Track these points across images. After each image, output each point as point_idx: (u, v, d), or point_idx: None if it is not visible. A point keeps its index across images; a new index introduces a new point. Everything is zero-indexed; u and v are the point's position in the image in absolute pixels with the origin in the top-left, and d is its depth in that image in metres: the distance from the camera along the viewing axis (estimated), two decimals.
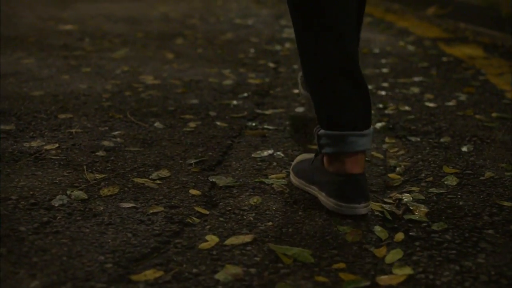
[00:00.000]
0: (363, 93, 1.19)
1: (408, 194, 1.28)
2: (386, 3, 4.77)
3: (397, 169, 1.45)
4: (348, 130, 1.16)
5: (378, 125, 1.81)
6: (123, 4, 4.36)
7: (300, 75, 1.99)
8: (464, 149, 1.59)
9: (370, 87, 2.28)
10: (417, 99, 2.10)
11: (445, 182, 1.35)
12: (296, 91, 2.19)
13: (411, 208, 1.21)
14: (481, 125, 1.80)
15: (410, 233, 1.10)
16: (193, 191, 1.28)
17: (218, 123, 1.78)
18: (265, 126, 1.77)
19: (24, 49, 2.70)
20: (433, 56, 2.90)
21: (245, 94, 2.11)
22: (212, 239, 1.07)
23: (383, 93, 2.20)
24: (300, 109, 1.95)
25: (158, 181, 1.33)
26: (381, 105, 2.03)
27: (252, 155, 1.52)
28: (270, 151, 1.55)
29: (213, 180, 1.35)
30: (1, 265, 0.95)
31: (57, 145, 1.52)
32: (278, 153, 1.54)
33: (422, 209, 1.20)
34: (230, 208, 1.20)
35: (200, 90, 2.15)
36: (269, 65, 2.62)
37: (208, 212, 1.18)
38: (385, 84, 2.33)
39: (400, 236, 1.09)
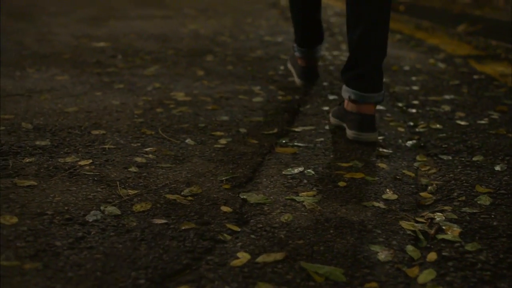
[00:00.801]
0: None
1: (440, 214, 1.27)
2: (416, 20, 4.75)
3: (429, 187, 1.44)
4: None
5: (409, 143, 1.80)
6: (154, 21, 4.42)
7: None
8: (497, 168, 1.57)
9: (400, 104, 2.28)
10: (448, 117, 2.09)
11: (478, 202, 1.34)
12: (325, 108, 2.19)
13: (443, 227, 1.20)
14: None
15: (443, 253, 1.09)
16: (225, 208, 1.29)
17: (248, 140, 1.79)
18: (295, 143, 1.77)
19: (59, 66, 2.75)
20: (464, 74, 2.88)
21: (275, 111, 2.12)
22: (243, 256, 1.07)
23: (413, 111, 2.19)
24: (330, 127, 1.95)
25: (189, 198, 1.34)
26: (411, 123, 2.02)
27: (283, 172, 1.53)
28: (301, 169, 1.55)
29: (244, 197, 1.35)
30: (37, 280, 0.97)
31: (90, 160, 1.54)
32: (309, 170, 1.54)
33: (455, 229, 1.19)
34: (261, 225, 1.21)
35: (230, 107, 2.17)
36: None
37: (239, 229, 1.19)
38: (415, 102, 2.32)
39: (433, 256, 1.08)
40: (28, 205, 1.25)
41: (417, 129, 1.95)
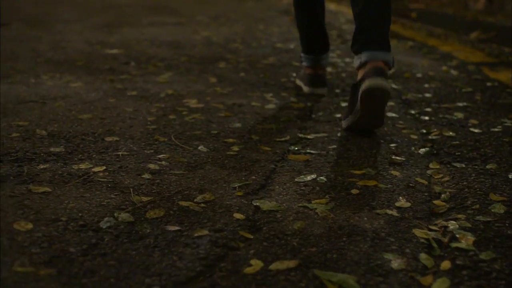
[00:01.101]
0: None
1: (454, 222, 1.26)
2: (429, 27, 4.74)
3: (442, 195, 1.43)
4: None
5: (422, 150, 1.79)
6: (167, 28, 4.44)
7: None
8: (511, 176, 1.56)
9: (412, 112, 2.27)
10: (461, 125, 2.08)
11: (492, 210, 1.33)
12: (338, 115, 2.19)
13: (457, 236, 1.19)
14: None
15: (457, 262, 1.09)
16: (237, 215, 1.29)
17: (261, 147, 1.79)
18: (308, 151, 1.77)
19: (73, 73, 2.77)
20: (477, 81, 2.87)
21: (288, 118, 2.12)
22: (256, 264, 1.07)
23: (426, 118, 2.18)
24: (342, 134, 1.95)
25: (202, 205, 1.34)
26: (424, 131, 2.01)
27: (295, 180, 1.53)
28: (313, 176, 1.55)
29: (257, 204, 1.36)
30: (52, 286, 0.98)
31: (104, 167, 1.55)
32: (321, 177, 1.54)
33: (469, 237, 1.19)
34: (274, 233, 1.21)
35: (243, 114, 2.17)
36: None
37: (252, 237, 1.19)
38: (428, 109, 2.31)
39: (446, 264, 1.08)
40: (42, 212, 1.26)
41: (430, 137, 1.95)
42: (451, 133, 1.98)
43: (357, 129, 1.95)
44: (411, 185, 1.51)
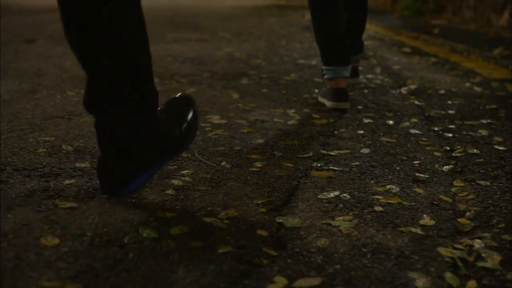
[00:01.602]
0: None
1: (479, 240, 1.25)
2: (451, 43, 4.72)
3: (467, 214, 1.42)
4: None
5: (446, 168, 1.78)
6: (190, 44, 4.49)
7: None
8: None
9: (436, 128, 2.26)
10: (485, 142, 2.07)
11: None
12: (360, 131, 2.19)
13: (483, 255, 1.18)
14: None
15: (483, 282, 1.08)
16: (261, 232, 1.29)
17: (283, 163, 1.79)
18: (331, 167, 1.77)
19: None
20: (501, 98, 2.85)
21: (310, 135, 2.13)
22: (280, 281, 1.07)
23: (450, 135, 2.17)
24: (365, 150, 1.95)
25: (226, 221, 1.35)
26: (448, 148, 2.00)
27: (318, 196, 1.53)
28: (336, 193, 1.55)
29: (280, 221, 1.36)
30: None
31: None
32: (345, 194, 1.54)
33: (495, 256, 1.18)
34: (297, 250, 1.21)
35: (266, 130, 2.18)
36: None
37: (276, 253, 1.19)
38: (451, 126, 2.30)
39: (472, 284, 1.07)
40: (68, 227, 1.27)
41: (453, 154, 1.94)
42: (475, 150, 1.97)
43: None
44: (435, 202, 1.50)
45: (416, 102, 2.73)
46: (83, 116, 2.26)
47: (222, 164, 1.77)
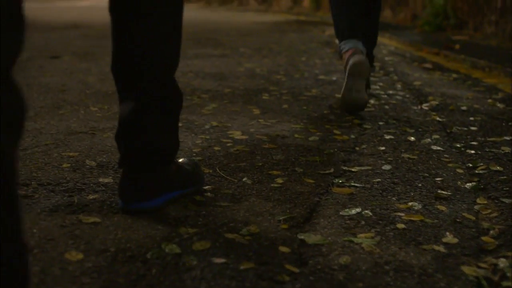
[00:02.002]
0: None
1: (504, 259, 1.24)
2: (472, 59, 4.70)
3: (491, 232, 1.41)
4: None
5: (468, 185, 1.77)
6: (211, 60, 4.52)
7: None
8: None
9: (458, 145, 2.25)
10: (508, 159, 2.05)
11: None
12: (381, 148, 2.18)
13: (508, 274, 1.17)
14: None
15: None
16: (283, 248, 1.29)
17: (305, 179, 1.80)
18: (352, 184, 1.77)
19: None
20: None
21: (331, 151, 2.13)
22: None
23: (472, 151, 2.16)
24: (387, 167, 1.94)
25: (248, 237, 1.35)
26: (470, 164, 1.99)
27: (340, 213, 1.53)
28: (358, 209, 1.55)
29: (302, 237, 1.36)
30: None
31: None
32: (366, 211, 1.54)
33: None
34: (319, 267, 1.21)
35: (287, 145, 2.19)
36: (354, 121, 2.63)
37: (298, 270, 1.19)
38: (474, 143, 2.28)
39: None
40: (92, 242, 1.29)
41: (476, 171, 1.92)
42: (498, 167, 1.95)
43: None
44: (458, 220, 1.49)
45: (438, 118, 2.72)
46: (106, 132, 2.29)
47: (244, 180, 1.78)
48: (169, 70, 1.47)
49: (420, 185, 1.78)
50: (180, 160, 1.66)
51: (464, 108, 2.98)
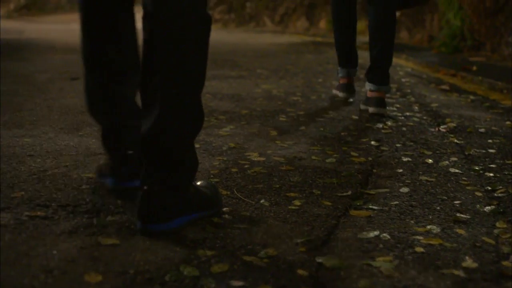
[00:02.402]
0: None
1: None
2: (490, 81, 4.68)
3: (511, 257, 1.39)
4: None
5: (487, 208, 1.76)
6: (228, 81, 4.55)
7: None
8: None
9: (476, 168, 2.24)
10: None
11: None
12: (399, 170, 2.18)
13: None
14: None
15: None
16: (301, 271, 1.29)
17: (322, 201, 1.80)
18: (370, 206, 1.77)
19: None
20: None
21: (348, 173, 2.13)
22: None
23: (491, 174, 2.14)
24: (405, 190, 1.94)
25: (266, 260, 1.35)
26: (489, 188, 1.98)
27: (358, 236, 1.52)
28: (376, 233, 1.55)
29: (320, 260, 1.36)
30: None
31: None
32: (384, 234, 1.53)
33: None
34: None
35: (304, 167, 2.19)
36: (371, 143, 2.63)
37: None
38: (492, 166, 2.27)
39: None
40: (111, 264, 1.30)
41: (495, 194, 1.91)
42: None
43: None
44: (477, 244, 1.48)
45: (456, 141, 2.71)
46: None
47: (261, 202, 1.78)
48: (194, 88, 1.49)
49: (438, 208, 1.77)
50: (199, 183, 1.67)
51: (482, 130, 2.97)
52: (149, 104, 1.46)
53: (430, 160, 2.34)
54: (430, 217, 1.69)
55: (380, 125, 3.04)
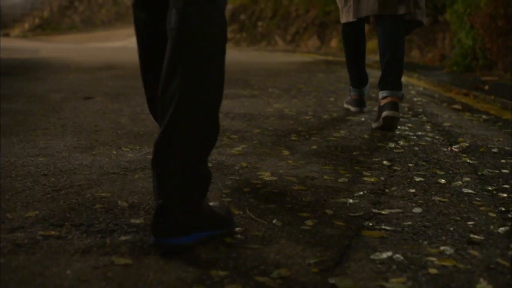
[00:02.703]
0: None
1: None
2: (502, 100, 4.67)
3: None
4: None
5: (502, 229, 1.75)
6: (240, 101, 4.57)
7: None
8: None
9: (490, 188, 2.23)
10: None
11: None
12: (412, 190, 2.17)
13: None
14: None
15: None
16: None
17: (335, 221, 1.79)
18: (383, 227, 1.76)
19: (151, 145, 2.88)
20: None
21: (361, 193, 2.12)
22: None
23: (504, 195, 2.13)
24: (417, 210, 1.93)
25: (278, 281, 1.35)
26: (503, 208, 1.97)
27: (371, 257, 1.52)
28: (389, 253, 1.54)
29: (333, 281, 1.35)
30: None
31: None
32: (397, 255, 1.53)
33: None
34: None
35: (316, 187, 2.19)
36: (384, 163, 2.62)
37: None
38: (506, 186, 2.26)
39: None
40: (124, 284, 1.30)
41: (509, 215, 1.90)
42: None
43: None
44: (492, 266, 1.47)
45: (468, 161, 2.70)
46: (137, 172, 2.32)
47: (274, 221, 1.78)
48: (211, 105, 1.50)
49: (451, 229, 1.76)
50: (211, 204, 1.68)
51: (495, 150, 2.96)
52: (165, 110, 1.49)
53: (443, 180, 2.33)
54: (444, 238, 1.68)
55: (392, 145, 3.03)
